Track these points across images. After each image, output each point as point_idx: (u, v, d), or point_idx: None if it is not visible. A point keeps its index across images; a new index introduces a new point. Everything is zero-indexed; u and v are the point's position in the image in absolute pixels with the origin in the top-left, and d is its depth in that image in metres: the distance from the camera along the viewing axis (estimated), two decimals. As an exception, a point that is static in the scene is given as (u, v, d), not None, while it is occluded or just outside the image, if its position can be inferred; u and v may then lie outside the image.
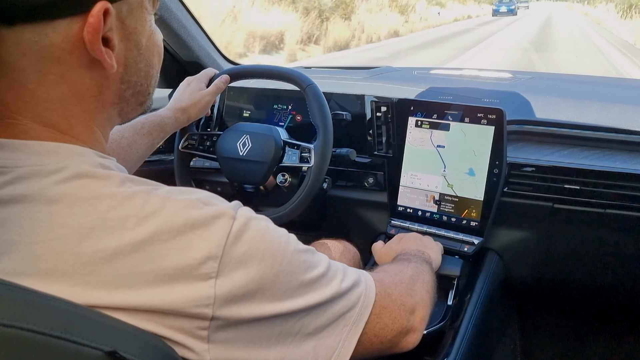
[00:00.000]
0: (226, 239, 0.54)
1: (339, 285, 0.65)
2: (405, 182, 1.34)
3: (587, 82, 1.92)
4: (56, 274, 0.49)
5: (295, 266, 0.60)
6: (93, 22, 0.53)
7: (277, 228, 0.61)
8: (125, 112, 0.65)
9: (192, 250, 0.52)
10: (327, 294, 0.63)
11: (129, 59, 0.60)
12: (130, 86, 0.62)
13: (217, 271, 0.53)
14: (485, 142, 1.23)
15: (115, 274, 0.50)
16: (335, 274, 0.66)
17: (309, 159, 1.25)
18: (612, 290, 1.43)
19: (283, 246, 0.59)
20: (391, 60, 10.87)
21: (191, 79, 1.31)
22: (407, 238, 1.17)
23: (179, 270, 0.51)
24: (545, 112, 1.39)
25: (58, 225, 0.50)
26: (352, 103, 1.44)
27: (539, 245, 1.34)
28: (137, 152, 1.12)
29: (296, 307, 0.60)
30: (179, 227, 0.52)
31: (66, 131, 0.57)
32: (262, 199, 1.43)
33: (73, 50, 0.54)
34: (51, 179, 0.52)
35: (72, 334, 0.44)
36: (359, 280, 0.70)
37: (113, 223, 0.51)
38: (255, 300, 0.56)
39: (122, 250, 0.50)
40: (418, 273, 0.89)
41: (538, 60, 11.18)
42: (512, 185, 1.27)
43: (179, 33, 1.54)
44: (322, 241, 1.29)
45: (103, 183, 0.53)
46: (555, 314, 1.75)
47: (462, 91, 1.51)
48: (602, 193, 1.21)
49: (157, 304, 0.51)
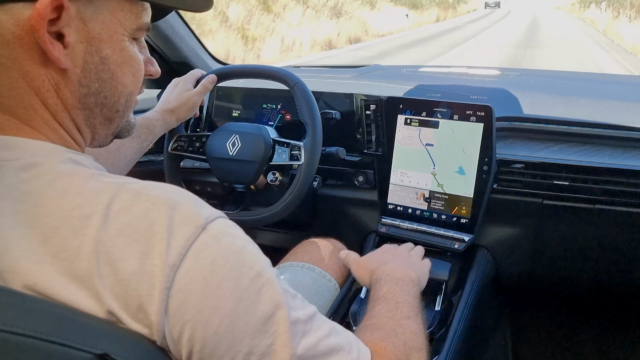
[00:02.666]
0: (188, 248, 0.51)
1: (319, 342, 0.58)
2: (395, 180, 1.34)
3: (575, 78, 1.93)
4: (17, 272, 0.49)
5: (266, 297, 0.54)
6: (39, 8, 0.52)
7: (258, 253, 0.57)
8: (93, 125, 0.63)
9: (154, 256, 0.50)
10: (301, 347, 0.56)
11: (88, 63, 0.59)
12: (91, 92, 0.60)
13: (172, 280, 0.50)
14: (475, 139, 1.23)
15: (77, 275, 0.49)
16: (318, 327, 0.59)
17: (299, 156, 1.24)
18: (602, 285, 1.44)
19: (255, 271, 0.54)
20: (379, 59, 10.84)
21: (178, 80, 1.31)
22: (391, 251, 1.10)
23: (138, 276, 0.50)
24: (534, 108, 1.40)
25: (22, 225, 0.50)
26: (341, 102, 1.44)
27: (529, 242, 1.35)
28: (126, 155, 1.12)
29: (259, 348, 0.53)
30: (144, 230, 0.51)
31: (26, 122, 0.56)
32: (253, 198, 1.43)
33: (23, 36, 0.53)
34: (19, 177, 0.52)
35: (62, 337, 0.44)
36: (350, 345, 0.62)
37: (77, 222, 0.50)
38: (212, 324, 0.51)
39: (83, 251, 0.49)
40: (412, 339, 0.75)
41: (525, 57, 11.23)
42: (501, 182, 1.27)
43: (167, 33, 1.53)
44: (311, 240, 1.29)
45: (70, 179, 0.53)
46: (545, 310, 1.76)
47: (450, 88, 1.51)
48: (591, 189, 1.21)
49: (117, 312, 0.49)
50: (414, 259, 1.09)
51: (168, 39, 1.55)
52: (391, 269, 0.96)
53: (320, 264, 1.21)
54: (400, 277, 0.92)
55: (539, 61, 10.54)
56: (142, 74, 0.66)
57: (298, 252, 1.26)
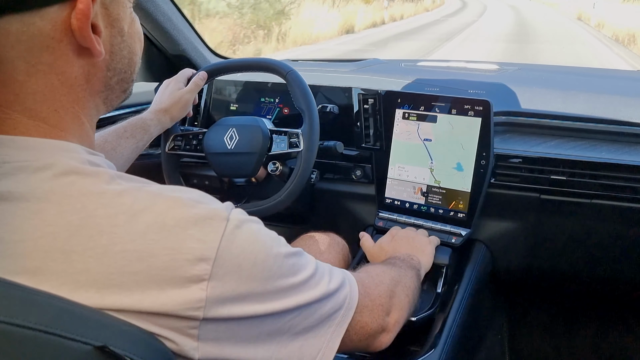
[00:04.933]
0: (220, 241, 0.53)
1: (327, 287, 0.66)
2: (392, 174, 1.34)
3: (573, 73, 1.93)
4: (45, 273, 0.49)
5: (286, 269, 0.60)
6: (82, 8, 0.52)
7: (268, 231, 0.61)
8: (110, 100, 0.64)
9: (184, 251, 0.51)
10: (315, 295, 0.64)
11: (114, 46, 0.60)
12: (116, 73, 0.62)
13: (210, 274, 0.52)
14: (473, 133, 1.23)
15: (105, 272, 0.49)
16: (322, 275, 0.67)
17: (298, 143, 1.25)
18: (598, 279, 1.44)
19: (275, 250, 0.59)
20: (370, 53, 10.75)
21: (169, 80, 1.32)
22: (399, 238, 1.17)
23: (170, 271, 0.51)
24: (532, 103, 1.40)
25: (46, 223, 0.50)
26: (340, 95, 1.44)
27: (526, 236, 1.35)
28: (123, 155, 1.13)
29: (287, 307, 0.60)
30: (170, 227, 0.52)
31: (55, 124, 0.56)
32: (254, 191, 1.42)
33: (62, 38, 0.53)
34: (39, 176, 0.51)
35: (61, 329, 0.44)
36: (344, 281, 0.71)
37: (103, 221, 0.50)
38: (247, 301, 0.56)
39: (112, 249, 0.49)
40: (401, 277, 0.90)
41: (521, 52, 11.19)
42: (499, 177, 1.27)
43: (165, 26, 1.53)
44: (310, 234, 1.29)
45: (92, 180, 0.53)
46: (542, 304, 1.77)
47: (449, 83, 1.51)
48: (588, 183, 1.22)
49: (148, 306, 0.50)
50: (419, 239, 1.17)
51: (166, 32, 1.54)
52: (397, 256, 1.04)
53: (320, 257, 1.20)
54: (404, 257, 1.03)
55: (537, 57, 10.50)
56: (142, 35, 0.68)
57: (297, 246, 1.25)
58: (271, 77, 1.35)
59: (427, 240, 1.19)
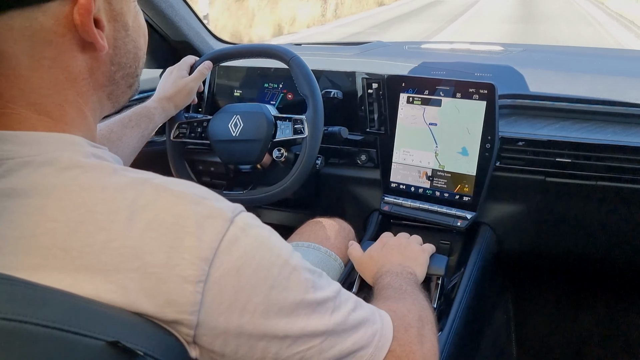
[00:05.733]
0: (219, 242, 0.51)
1: (348, 316, 0.60)
2: (397, 158, 1.34)
3: (578, 54, 1.92)
4: (45, 269, 0.48)
5: (296, 282, 0.56)
6: (84, 3, 0.52)
7: (280, 240, 0.58)
8: (116, 95, 0.64)
9: (183, 249, 0.50)
10: (333, 322, 0.58)
11: (117, 40, 0.60)
12: (120, 68, 0.62)
13: (207, 274, 0.50)
14: (477, 117, 1.23)
15: (103, 270, 0.49)
16: (346, 301, 0.61)
17: (302, 129, 1.25)
18: (603, 260, 1.45)
19: (282, 259, 0.56)
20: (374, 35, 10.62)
21: (172, 68, 1.31)
22: (390, 246, 1.08)
23: (167, 269, 0.49)
24: (537, 85, 1.39)
25: (48, 219, 0.49)
26: (343, 80, 1.43)
27: (531, 219, 1.35)
28: (129, 144, 1.13)
29: (295, 330, 0.55)
30: (170, 224, 0.50)
31: (59, 118, 0.56)
32: (259, 177, 1.43)
33: (65, 32, 0.53)
34: (42, 171, 0.52)
35: (74, 325, 0.44)
36: (374, 315, 0.64)
37: (102, 217, 0.50)
38: (247, 312, 0.52)
39: (110, 245, 0.49)
40: (424, 312, 0.77)
41: (527, 33, 11.05)
42: (504, 160, 1.27)
43: (167, 13, 1.52)
44: (317, 220, 1.30)
45: (95, 174, 0.53)
46: (548, 286, 1.77)
47: (454, 66, 1.50)
48: (593, 165, 1.21)
49: (142, 306, 0.49)
50: (412, 248, 1.07)
51: (168, 18, 1.53)
52: (389, 268, 0.97)
53: (326, 243, 1.21)
54: (399, 271, 0.94)
55: (542, 37, 10.35)
56: (147, 29, 0.67)
57: (304, 232, 1.27)
58: (274, 62, 1.35)
59: (420, 248, 1.08)
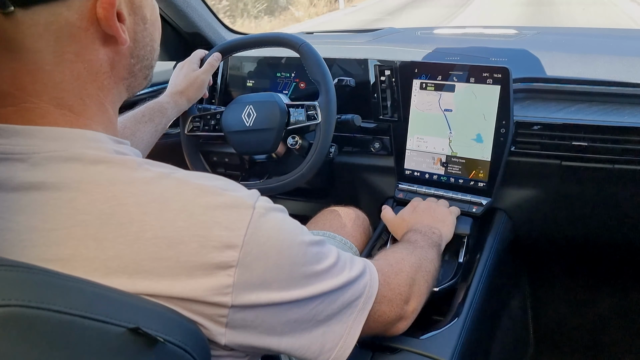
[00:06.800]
0: (246, 229, 0.54)
1: (348, 274, 0.68)
2: (411, 145, 1.34)
3: (593, 35, 1.88)
4: (77, 259, 0.50)
5: (310, 257, 0.62)
6: None
7: (292, 220, 0.63)
8: (133, 87, 0.65)
9: (212, 238, 0.53)
10: (338, 282, 0.66)
11: (137, 33, 0.61)
12: (139, 60, 0.63)
13: (238, 260, 0.54)
14: (492, 101, 1.22)
15: (136, 259, 0.51)
16: (344, 263, 0.69)
17: (315, 115, 1.25)
18: (620, 245, 1.43)
19: (299, 238, 0.61)
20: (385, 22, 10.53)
21: (183, 63, 1.32)
22: (421, 209, 1.18)
23: (199, 258, 0.52)
24: (552, 68, 1.37)
25: (79, 212, 0.51)
26: (356, 68, 1.43)
27: (547, 204, 1.34)
28: (143, 139, 1.14)
29: (311, 294, 0.62)
30: (198, 214, 0.53)
31: (80, 112, 0.57)
32: (275, 166, 1.43)
33: (88, 27, 0.54)
34: (69, 166, 0.53)
35: (96, 312, 0.46)
36: (365, 270, 0.73)
37: (133, 209, 0.52)
38: (273, 288, 0.57)
39: (143, 236, 0.51)
40: (421, 261, 0.92)
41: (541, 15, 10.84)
42: (519, 145, 1.26)
43: (178, 4, 1.52)
44: (331, 208, 1.30)
45: (119, 169, 0.54)
46: (565, 271, 1.76)
47: (469, 50, 1.49)
48: (610, 148, 1.20)
49: (178, 291, 0.52)
50: (440, 210, 1.18)
51: (179, 9, 1.54)
52: (417, 228, 1.08)
53: (342, 231, 1.22)
54: (425, 231, 1.05)
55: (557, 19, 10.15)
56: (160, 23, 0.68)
57: (319, 220, 1.27)
58: (285, 51, 1.34)
59: (447, 210, 1.19)
